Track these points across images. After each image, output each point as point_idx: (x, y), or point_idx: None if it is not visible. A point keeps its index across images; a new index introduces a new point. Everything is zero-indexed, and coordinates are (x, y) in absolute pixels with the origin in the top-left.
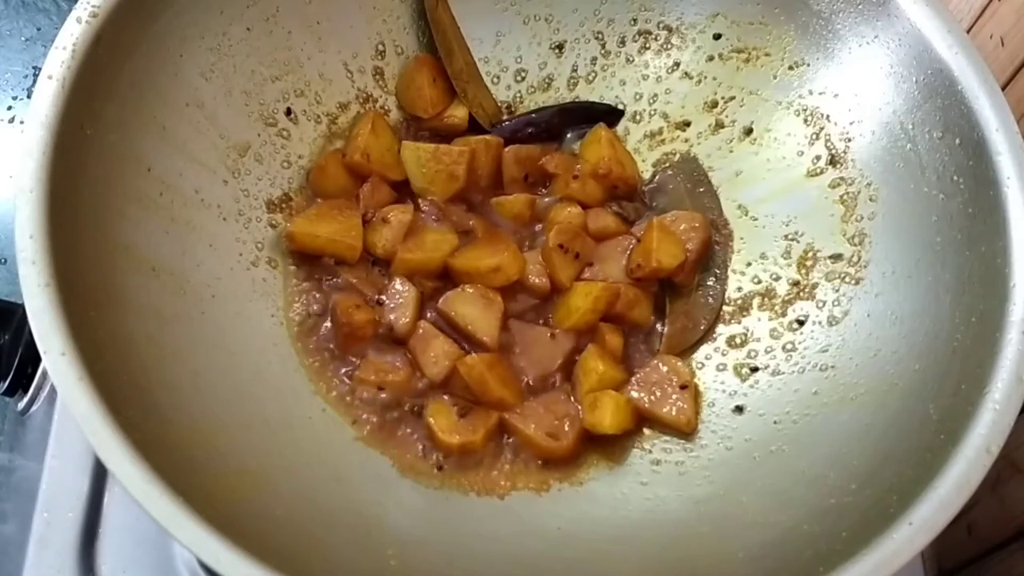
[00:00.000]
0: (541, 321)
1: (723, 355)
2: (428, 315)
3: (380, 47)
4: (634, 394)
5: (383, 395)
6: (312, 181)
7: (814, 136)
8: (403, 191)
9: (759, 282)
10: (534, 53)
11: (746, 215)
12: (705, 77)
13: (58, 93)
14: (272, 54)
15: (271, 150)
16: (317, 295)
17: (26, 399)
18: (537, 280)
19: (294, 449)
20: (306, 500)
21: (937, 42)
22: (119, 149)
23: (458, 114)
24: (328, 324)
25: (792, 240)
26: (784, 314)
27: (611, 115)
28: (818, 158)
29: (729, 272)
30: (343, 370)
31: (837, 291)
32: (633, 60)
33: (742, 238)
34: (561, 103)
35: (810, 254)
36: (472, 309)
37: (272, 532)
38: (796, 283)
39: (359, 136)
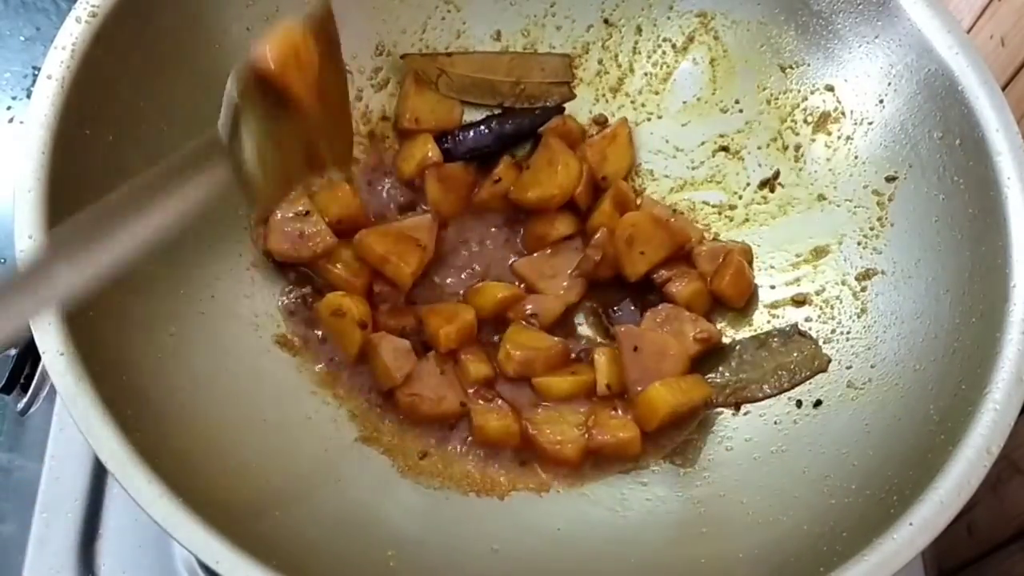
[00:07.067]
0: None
1: None
2: None
3: (380, 47)
4: None
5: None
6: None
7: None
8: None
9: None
10: None
11: None
12: None
13: (58, 93)
14: None
15: None
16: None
17: (26, 399)
18: None
19: (294, 449)
20: (306, 500)
21: (937, 42)
22: (119, 149)
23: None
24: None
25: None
26: (784, 316)
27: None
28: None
29: None
30: (344, 371)
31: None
32: (633, 61)
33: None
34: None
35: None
36: None
37: (272, 532)
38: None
39: (407, 97)
